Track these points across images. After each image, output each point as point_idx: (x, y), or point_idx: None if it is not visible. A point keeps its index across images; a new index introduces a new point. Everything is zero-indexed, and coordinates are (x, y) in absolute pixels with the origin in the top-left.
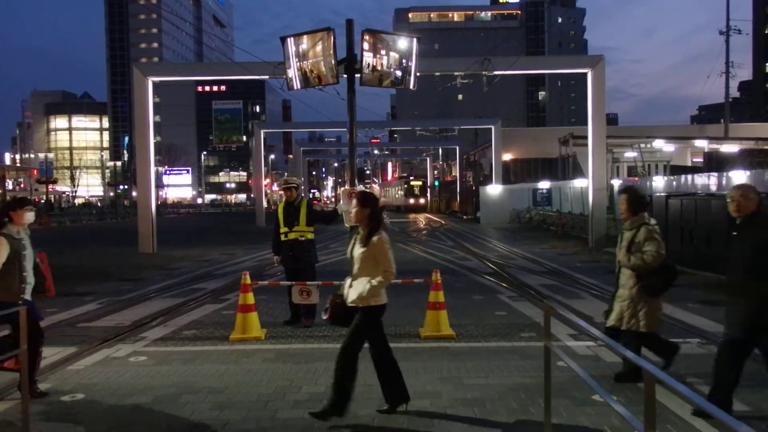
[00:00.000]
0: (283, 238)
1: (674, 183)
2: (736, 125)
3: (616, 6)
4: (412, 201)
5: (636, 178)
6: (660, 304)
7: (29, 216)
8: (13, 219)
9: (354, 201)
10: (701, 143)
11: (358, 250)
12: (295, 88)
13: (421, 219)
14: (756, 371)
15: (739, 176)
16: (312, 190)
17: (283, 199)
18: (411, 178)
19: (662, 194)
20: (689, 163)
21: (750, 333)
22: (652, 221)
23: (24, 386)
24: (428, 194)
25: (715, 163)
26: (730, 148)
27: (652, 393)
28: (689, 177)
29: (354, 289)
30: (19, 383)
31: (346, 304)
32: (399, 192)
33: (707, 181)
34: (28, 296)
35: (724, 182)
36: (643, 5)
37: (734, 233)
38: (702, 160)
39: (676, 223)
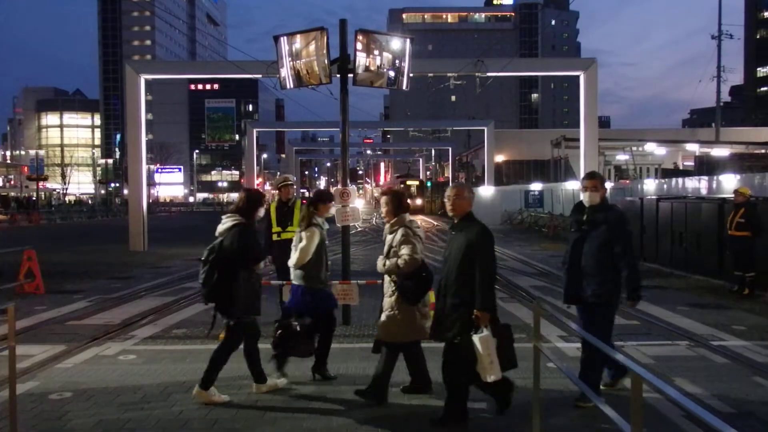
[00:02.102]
0: (275, 237)
1: (665, 186)
2: (727, 129)
3: (609, 9)
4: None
5: (627, 181)
6: (419, 312)
7: (332, 209)
8: (319, 210)
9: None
10: (692, 147)
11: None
12: (288, 87)
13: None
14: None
15: (729, 180)
16: (302, 190)
17: (275, 199)
18: (407, 177)
19: (653, 197)
20: (680, 167)
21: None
22: (415, 224)
23: (12, 383)
24: (425, 195)
25: (706, 166)
26: (721, 151)
27: (639, 394)
28: (680, 180)
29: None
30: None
31: None
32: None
33: (698, 184)
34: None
35: (714, 186)
36: (636, 9)
37: (452, 232)
38: (693, 163)
39: (667, 226)
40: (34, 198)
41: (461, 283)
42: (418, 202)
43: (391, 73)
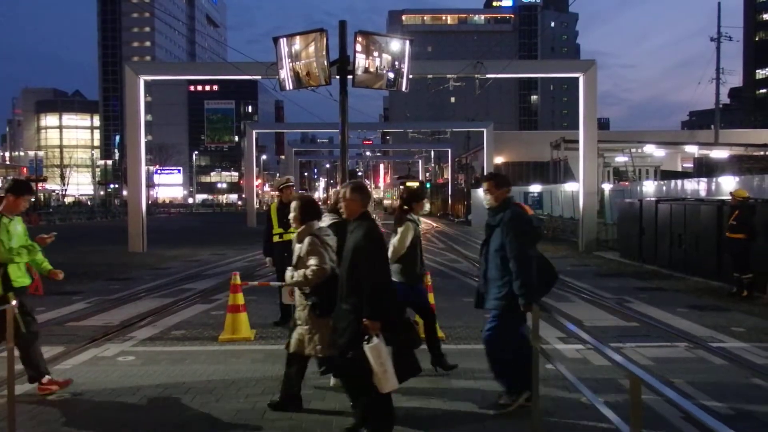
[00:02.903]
0: (276, 239)
1: (664, 188)
2: (726, 131)
3: (608, 11)
4: None
5: (626, 183)
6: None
7: (426, 206)
8: (413, 208)
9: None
10: (691, 149)
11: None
12: (288, 88)
13: (325, 227)
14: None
15: (728, 182)
16: (300, 191)
17: (276, 200)
18: (407, 178)
19: (652, 199)
20: (679, 169)
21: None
22: (325, 231)
23: (10, 383)
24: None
25: (705, 168)
26: (720, 153)
27: (638, 396)
28: (679, 182)
29: None
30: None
31: None
32: (394, 194)
33: (697, 186)
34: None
35: (713, 188)
36: (635, 11)
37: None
38: (692, 165)
39: (666, 228)
40: (33, 199)
41: (350, 288)
42: None
43: (391, 75)
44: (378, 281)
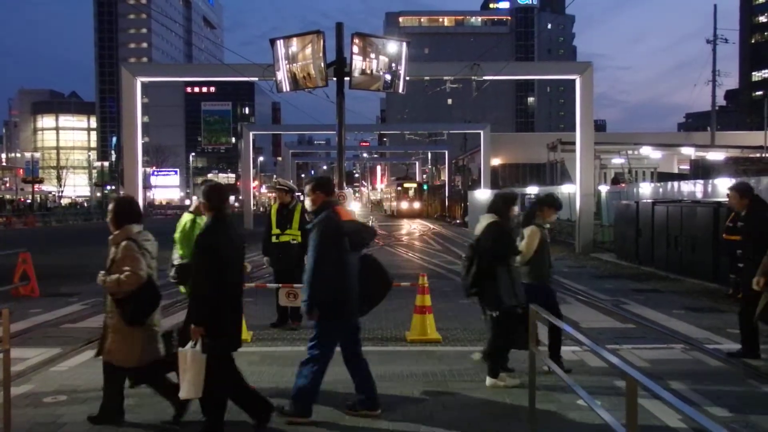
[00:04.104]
0: (274, 240)
1: (661, 190)
2: (722, 133)
3: (604, 13)
4: (405, 206)
5: (623, 185)
6: (146, 334)
7: (554, 216)
8: (544, 213)
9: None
10: (688, 150)
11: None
12: (285, 90)
13: (410, 223)
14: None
15: (724, 183)
16: (297, 194)
17: (277, 202)
18: (404, 180)
19: (649, 201)
20: (676, 170)
21: None
22: (145, 236)
23: (6, 386)
24: (424, 198)
25: (701, 170)
26: (716, 155)
27: (634, 398)
28: (676, 184)
29: None
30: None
31: None
32: (392, 195)
33: (693, 188)
34: None
35: (710, 190)
36: (631, 13)
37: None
38: (688, 167)
39: (662, 230)
40: (29, 201)
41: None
42: (416, 205)
43: (388, 77)
44: (202, 289)
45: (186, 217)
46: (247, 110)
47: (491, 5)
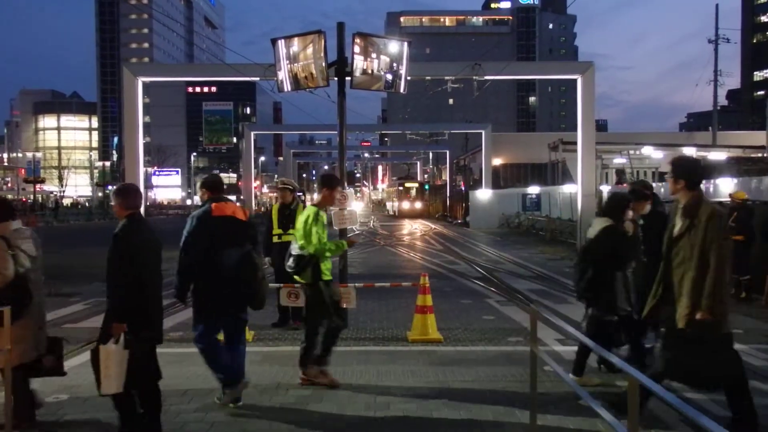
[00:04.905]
0: (276, 239)
1: (662, 189)
2: (724, 133)
3: (606, 13)
4: (406, 206)
5: (625, 185)
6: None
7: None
8: (636, 207)
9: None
10: (689, 151)
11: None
12: (286, 90)
13: (411, 223)
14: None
15: (726, 183)
16: (298, 193)
17: (278, 201)
18: (406, 179)
19: None
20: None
21: None
22: (23, 233)
23: (7, 386)
24: (425, 198)
25: (702, 170)
26: (717, 155)
27: (635, 398)
28: None
29: None
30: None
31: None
32: (393, 195)
33: None
34: None
35: (711, 190)
36: (633, 13)
37: None
38: None
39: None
40: (31, 201)
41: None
42: (417, 204)
43: (389, 77)
44: (117, 284)
45: (310, 210)
46: (248, 110)
47: (492, 5)
